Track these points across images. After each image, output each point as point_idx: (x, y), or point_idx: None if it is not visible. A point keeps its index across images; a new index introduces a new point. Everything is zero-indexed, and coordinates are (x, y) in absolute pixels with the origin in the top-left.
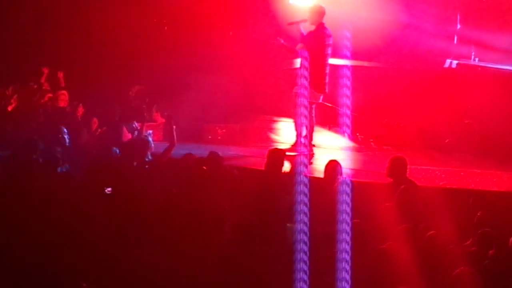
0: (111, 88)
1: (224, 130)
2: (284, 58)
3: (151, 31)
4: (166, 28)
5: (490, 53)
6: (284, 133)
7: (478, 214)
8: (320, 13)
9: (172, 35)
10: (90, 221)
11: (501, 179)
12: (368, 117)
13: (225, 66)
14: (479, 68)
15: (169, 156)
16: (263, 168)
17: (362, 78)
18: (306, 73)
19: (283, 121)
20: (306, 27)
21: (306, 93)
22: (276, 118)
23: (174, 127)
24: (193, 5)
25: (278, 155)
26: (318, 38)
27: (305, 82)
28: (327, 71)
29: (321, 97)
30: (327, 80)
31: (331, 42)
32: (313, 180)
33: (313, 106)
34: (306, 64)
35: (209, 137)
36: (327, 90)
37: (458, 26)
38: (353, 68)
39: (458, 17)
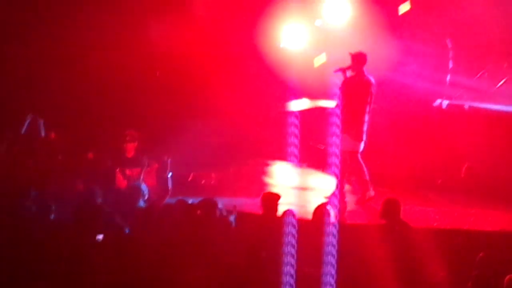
0: (103, 133)
1: (217, 174)
2: (277, 101)
3: (144, 76)
4: (158, 73)
5: (481, 94)
6: (278, 176)
7: (480, 255)
8: (360, 60)
9: (164, 80)
10: (85, 269)
11: (496, 219)
12: (362, 159)
13: (218, 110)
14: (470, 109)
15: (162, 203)
16: (257, 212)
17: None
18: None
19: (277, 164)
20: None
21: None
22: (269, 161)
23: (171, 173)
24: (186, 50)
25: (272, 199)
26: (359, 85)
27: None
28: (366, 119)
29: (361, 145)
30: (365, 128)
31: (373, 90)
32: (302, 223)
33: (358, 155)
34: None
35: (203, 181)
36: (364, 138)
37: (450, 66)
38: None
39: (451, 56)
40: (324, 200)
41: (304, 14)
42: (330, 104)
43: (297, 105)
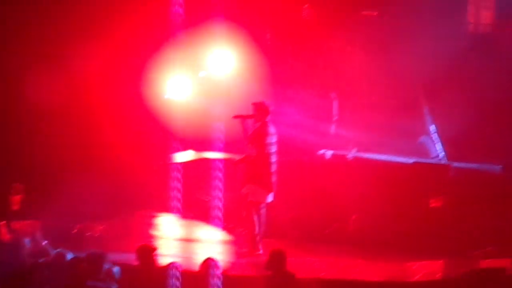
0: None
1: (102, 227)
2: (162, 152)
3: (28, 128)
4: (42, 125)
5: (365, 145)
6: (165, 228)
7: None
8: (263, 110)
9: (49, 132)
10: None
11: (381, 270)
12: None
13: (104, 162)
14: (355, 159)
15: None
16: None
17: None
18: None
19: (163, 216)
20: (252, 124)
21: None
22: (156, 213)
23: (46, 242)
24: (70, 102)
25: (147, 251)
26: (261, 136)
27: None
28: (273, 169)
29: (270, 196)
30: (274, 179)
31: (274, 140)
32: (188, 275)
33: (262, 205)
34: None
35: (88, 234)
36: (274, 189)
37: (334, 117)
38: (226, 161)
39: (335, 107)
40: (212, 252)
41: (188, 66)
42: (215, 155)
43: (182, 156)
